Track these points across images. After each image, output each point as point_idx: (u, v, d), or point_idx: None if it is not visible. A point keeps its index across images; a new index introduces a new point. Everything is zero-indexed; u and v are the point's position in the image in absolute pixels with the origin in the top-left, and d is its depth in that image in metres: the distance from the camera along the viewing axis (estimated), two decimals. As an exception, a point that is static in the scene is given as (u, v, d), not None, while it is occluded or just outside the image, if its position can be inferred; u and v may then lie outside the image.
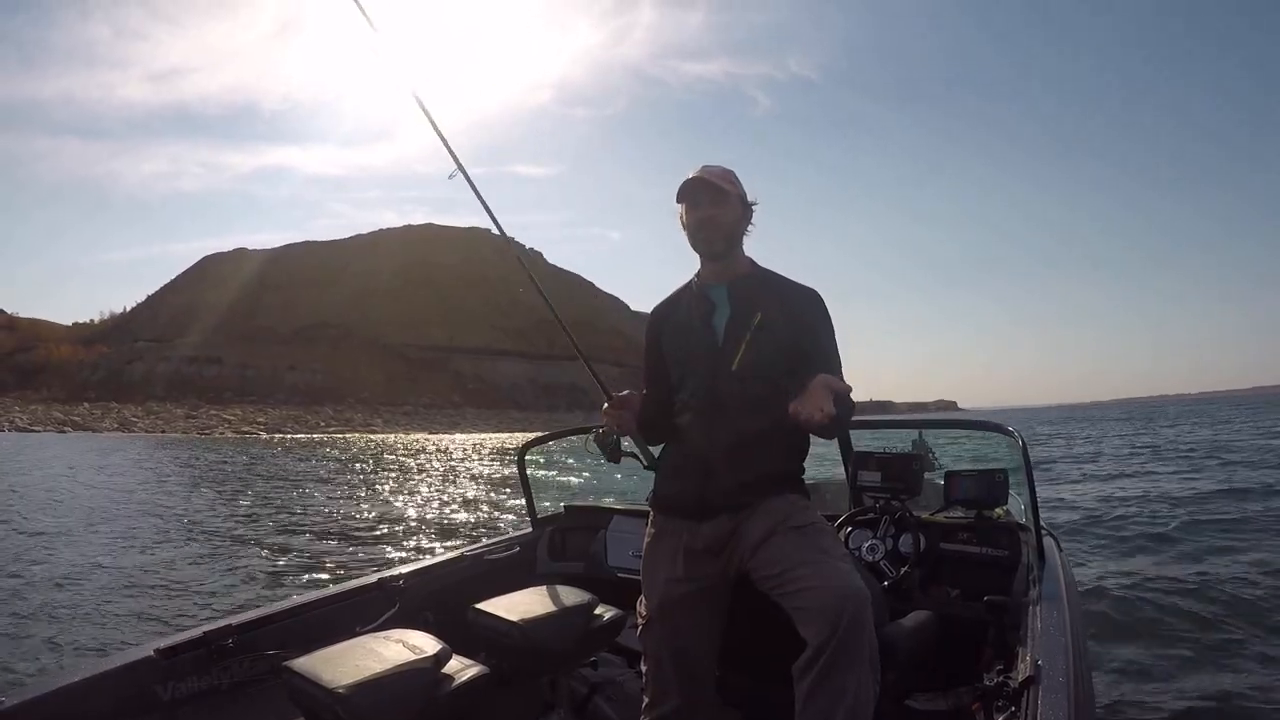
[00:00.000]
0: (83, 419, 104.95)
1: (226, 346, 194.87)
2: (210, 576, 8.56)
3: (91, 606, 6.97)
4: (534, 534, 4.24)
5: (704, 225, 2.44)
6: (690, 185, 2.44)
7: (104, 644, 5.74)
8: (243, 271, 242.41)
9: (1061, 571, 2.98)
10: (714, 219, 2.43)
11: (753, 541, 2.32)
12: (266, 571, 8.92)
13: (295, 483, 23.06)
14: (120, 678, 2.38)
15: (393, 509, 15.69)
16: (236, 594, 7.67)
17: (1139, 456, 23.71)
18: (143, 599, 7.42)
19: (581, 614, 2.82)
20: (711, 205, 2.43)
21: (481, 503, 16.85)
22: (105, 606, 7.02)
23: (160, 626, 6.29)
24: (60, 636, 5.94)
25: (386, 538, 11.79)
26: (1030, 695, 1.99)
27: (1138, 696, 4.51)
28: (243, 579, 8.46)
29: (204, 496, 18.56)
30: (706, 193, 2.43)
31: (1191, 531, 9.84)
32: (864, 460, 3.52)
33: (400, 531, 12.48)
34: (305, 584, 8.15)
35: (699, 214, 2.44)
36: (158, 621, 6.57)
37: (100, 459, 34.45)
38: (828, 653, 2.02)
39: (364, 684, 2.01)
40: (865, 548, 3.19)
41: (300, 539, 11.57)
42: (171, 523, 13.45)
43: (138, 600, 7.35)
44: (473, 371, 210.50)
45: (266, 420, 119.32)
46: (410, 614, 3.16)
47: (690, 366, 2.47)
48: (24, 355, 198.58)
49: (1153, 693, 4.57)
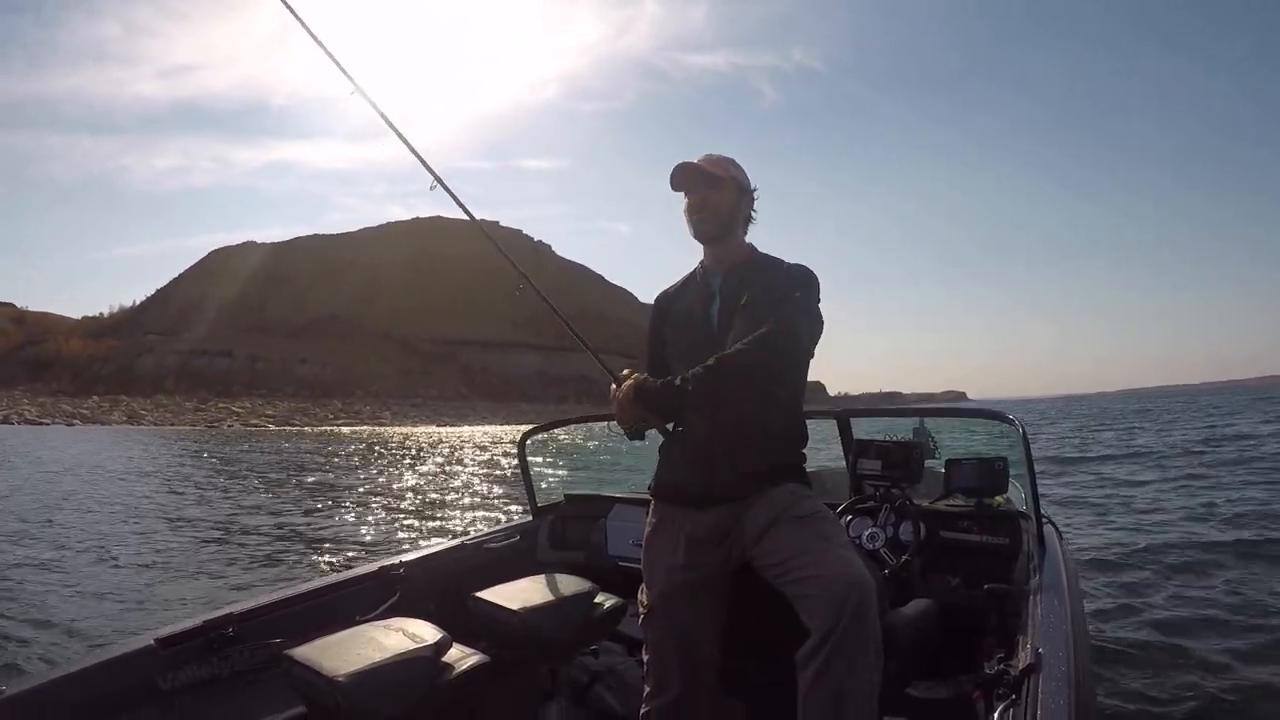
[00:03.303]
0: (91, 412, 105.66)
1: (236, 339, 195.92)
2: (210, 565, 8.58)
3: (91, 596, 6.98)
4: (535, 523, 4.25)
5: (696, 209, 2.46)
6: (680, 171, 2.45)
7: (103, 633, 5.74)
8: (251, 265, 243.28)
9: (1062, 559, 2.96)
10: (708, 202, 2.44)
11: (755, 530, 2.32)
12: (266, 560, 8.95)
13: (299, 474, 23.15)
14: (120, 667, 2.38)
15: (395, 499, 15.74)
16: (236, 583, 7.67)
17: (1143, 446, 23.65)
18: (142, 588, 7.44)
19: (582, 603, 2.81)
20: (705, 188, 2.44)
21: (484, 492, 16.88)
22: (104, 596, 7.03)
23: (160, 616, 6.29)
24: (59, 626, 5.94)
25: (388, 526, 11.84)
26: (1031, 683, 1.97)
27: (1138, 685, 4.49)
28: (242, 568, 8.48)
29: (207, 487, 18.64)
30: (698, 177, 2.44)
31: (1197, 521, 9.82)
32: (864, 448, 3.51)
33: (401, 520, 12.52)
34: (305, 572, 8.16)
35: (692, 199, 2.46)
36: (157, 610, 6.59)
37: (107, 451, 34.61)
38: (832, 640, 2.02)
39: (365, 672, 2.01)
40: (866, 536, 3.17)
41: (302, 529, 11.61)
42: (172, 512, 13.55)
43: (137, 589, 7.36)
44: (481, 364, 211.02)
45: (275, 413, 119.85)
46: (411, 602, 3.16)
47: (689, 354, 2.46)
48: (34, 349, 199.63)
49: (1153, 681, 4.55)
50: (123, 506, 14.41)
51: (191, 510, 14.08)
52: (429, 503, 15.13)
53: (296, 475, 22.70)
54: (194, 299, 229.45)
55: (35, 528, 11.38)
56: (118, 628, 5.90)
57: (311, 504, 15.07)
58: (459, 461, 28.64)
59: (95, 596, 7.01)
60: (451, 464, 27.29)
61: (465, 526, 11.55)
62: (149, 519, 12.79)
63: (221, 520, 12.59)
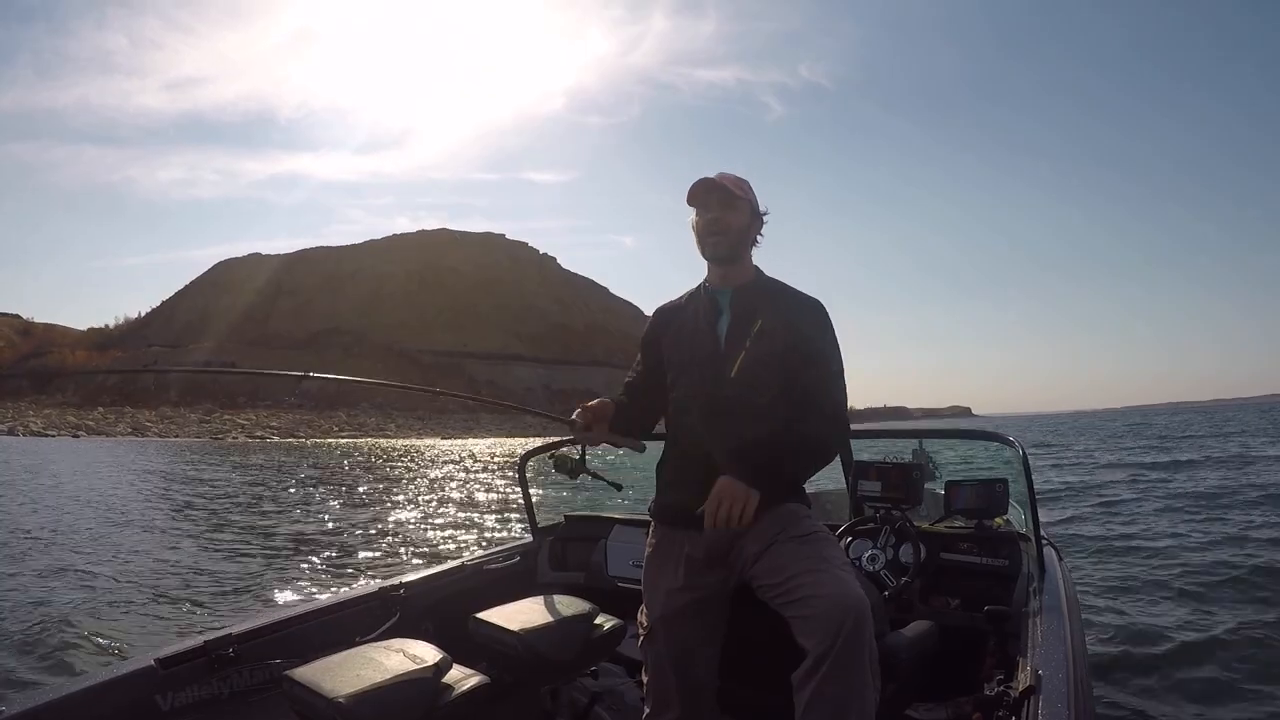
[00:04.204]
0: (96, 423, 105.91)
1: (241, 351, 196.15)
2: (211, 585, 8.54)
3: (90, 615, 6.94)
4: (534, 544, 4.25)
5: (712, 228, 2.44)
6: (700, 186, 2.45)
7: (103, 654, 5.72)
8: (257, 277, 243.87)
9: (1062, 581, 2.97)
10: (722, 222, 2.43)
11: (754, 550, 2.31)
12: (267, 580, 8.91)
13: (304, 488, 23.11)
14: (120, 688, 2.38)
15: (396, 515, 15.72)
16: (236, 603, 7.65)
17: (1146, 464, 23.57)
18: (142, 608, 7.39)
19: (582, 624, 2.82)
20: (720, 208, 2.43)
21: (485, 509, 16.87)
22: (104, 615, 6.99)
23: (160, 636, 6.28)
24: (58, 646, 5.92)
25: (389, 545, 11.80)
26: (1030, 705, 1.98)
27: (1138, 707, 4.48)
28: (243, 588, 8.45)
29: (208, 502, 18.58)
30: (716, 195, 2.44)
31: (1197, 543, 9.76)
32: (864, 470, 3.50)
33: (403, 538, 12.49)
34: (306, 593, 8.15)
35: (708, 216, 2.45)
36: (157, 629, 6.57)
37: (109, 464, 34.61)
38: (828, 662, 2.01)
39: (364, 693, 2.01)
40: (866, 557, 3.18)
41: (303, 546, 11.55)
42: (173, 529, 13.49)
43: (137, 610, 7.31)
44: (486, 376, 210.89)
45: (279, 425, 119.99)
46: (411, 623, 3.16)
47: (689, 367, 2.47)
48: (39, 360, 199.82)
49: (1152, 704, 4.54)
50: (125, 520, 14.41)
51: (192, 525, 14.05)
52: (430, 519, 15.10)
53: (299, 488, 22.69)
54: (199, 311, 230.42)
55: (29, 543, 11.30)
56: (116, 648, 5.89)
57: (312, 519, 15.05)
58: (463, 475, 28.59)
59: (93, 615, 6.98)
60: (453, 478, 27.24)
61: (463, 547, 11.52)
62: (149, 532, 12.81)
63: (221, 537, 12.56)
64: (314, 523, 14.56)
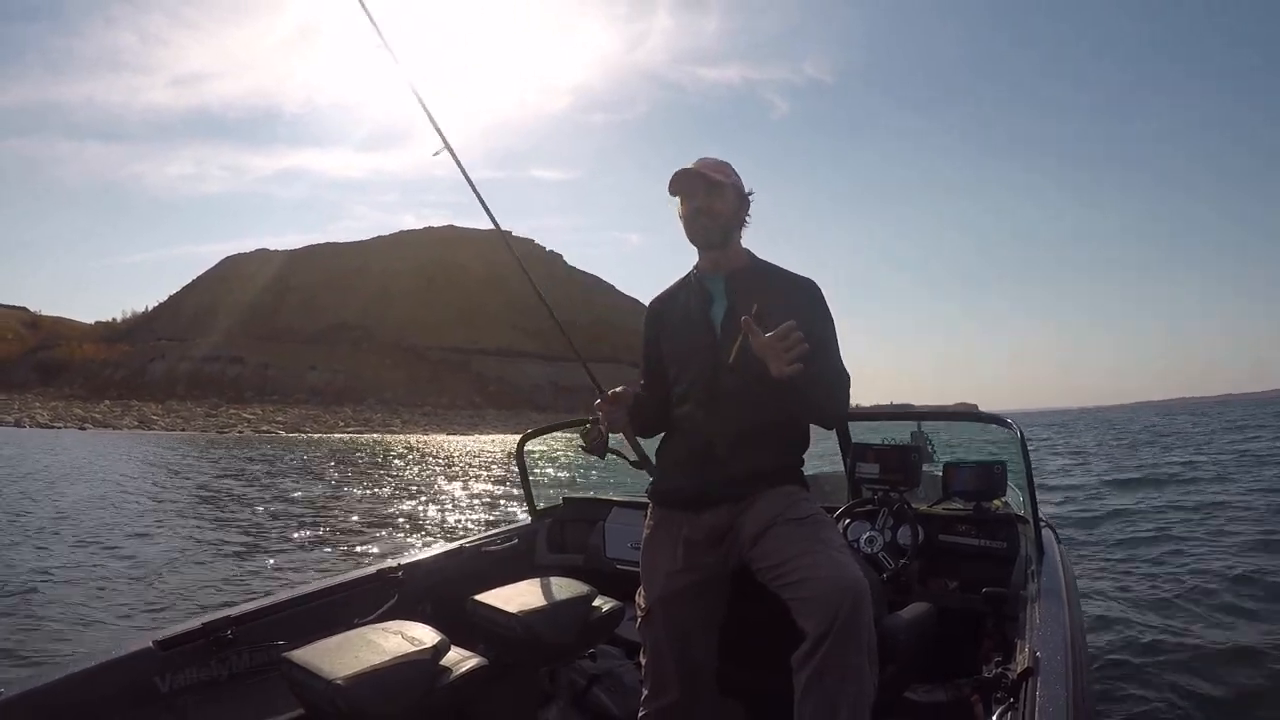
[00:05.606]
0: (103, 416, 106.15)
1: (248, 346, 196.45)
2: (209, 568, 8.60)
3: (90, 598, 6.98)
4: (533, 526, 4.24)
5: (699, 216, 2.44)
6: (682, 176, 2.44)
7: (102, 636, 5.74)
8: (264, 272, 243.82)
9: (1060, 564, 2.96)
10: (709, 209, 2.43)
11: (752, 533, 2.32)
12: (265, 563, 8.98)
13: (303, 479, 23.21)
14: (119, 670, 2.38)
15: (397, 504, 15.79)
16: (235, 585, 7.69)
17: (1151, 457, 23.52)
18: (141, 591, 7.44)
19: (580, 606, 2.82)
20: (706, 196, 2.43)
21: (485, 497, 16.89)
22: (103, 598, 7.03)
23: (158, 618, 6.31)
24: (58, 628, 5.95)
25: (388, 530, 11.88)
26: (1029, 687, 1.97)
27: (1136, 689, 4.48)
28: (243, 571, 8.50)
29: (209, 491, 18.70)
30: (700, 183, 2.43)
31: (1194, 525, 9.78)
32: (862, 452, 3.51)
33: (401, 524, 12.56)
34: (304, 575, 8.17)
35: (693, 205, 2.44)
36: (156, 612, 6.61)
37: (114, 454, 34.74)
38: (827, 643, 2.01)
39: (363, 675, 2.01)
40: (864, 540, 3.18)
41: (303, 532, 11.65)
42: (173, 515, 13.60)
43: (136, 592, 7.36)
44: (494, 373, 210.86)
45: (285, 419, 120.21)
46: (409, 605, 3.16)
47: (689, 359, 2.48)
48: (46, 353, 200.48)
49: (1151, 685, 4.53)
50: (128, 508, 14.49)
51: (191, 512, 14.16)
52: (430, 507, 15.16)
53: (302, 480, 22.75)
54: (206, 305, 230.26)
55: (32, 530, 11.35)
56: (115, 630, 5.92)
57: (311, 508, 15.13)
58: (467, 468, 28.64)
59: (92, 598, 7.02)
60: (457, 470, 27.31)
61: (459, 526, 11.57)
62: (150, 519, 12.89)
63: (220, 522, 12.65)
64: (313, 509, 14.68)
